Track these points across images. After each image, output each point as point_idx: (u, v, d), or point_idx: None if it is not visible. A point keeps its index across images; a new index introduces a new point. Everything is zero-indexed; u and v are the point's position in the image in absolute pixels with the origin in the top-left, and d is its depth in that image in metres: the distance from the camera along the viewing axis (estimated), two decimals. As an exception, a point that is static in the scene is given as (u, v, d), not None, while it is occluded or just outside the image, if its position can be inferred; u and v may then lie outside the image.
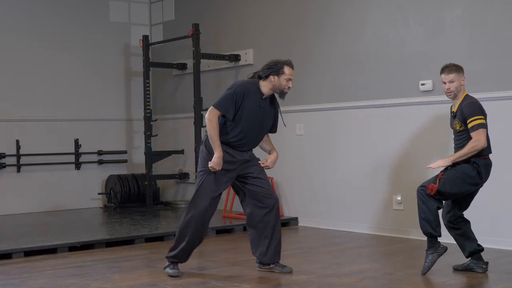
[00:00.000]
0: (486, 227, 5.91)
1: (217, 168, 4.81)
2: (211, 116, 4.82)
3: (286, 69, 4.89)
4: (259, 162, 5.04)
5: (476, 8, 6.15)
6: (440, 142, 6.28)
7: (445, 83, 4.90)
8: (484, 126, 4.77)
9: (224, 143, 4.87)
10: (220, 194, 4.99)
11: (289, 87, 4.94)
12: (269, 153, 5.11)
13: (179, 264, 5.06)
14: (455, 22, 6.30)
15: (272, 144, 5.17)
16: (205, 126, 5.11)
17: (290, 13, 7.87)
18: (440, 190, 4.81)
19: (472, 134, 4.76)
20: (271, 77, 4.89)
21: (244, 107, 4.83)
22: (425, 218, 4.83)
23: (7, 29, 8.77)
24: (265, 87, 4.92)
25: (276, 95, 5.02)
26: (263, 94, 4.92)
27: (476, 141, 4.73)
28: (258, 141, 5.05)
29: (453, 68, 4.90)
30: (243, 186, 5.04)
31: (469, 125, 4.77)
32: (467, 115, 4.78)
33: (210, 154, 4.87)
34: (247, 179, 5.01)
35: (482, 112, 4.82)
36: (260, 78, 4.95)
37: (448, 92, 4.91)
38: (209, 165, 4.82)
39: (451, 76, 4.87)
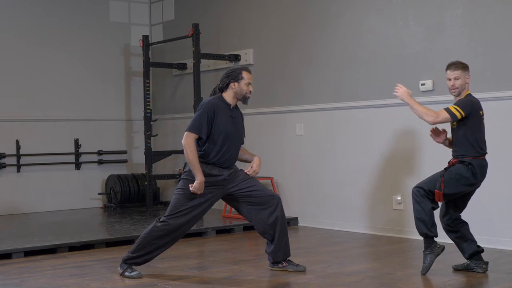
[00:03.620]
0: (486, 227, 5.91)
1: (198, 193, 4.85)
2: (188, 141, 4.83)
3: (245, 74, 4.97)
4: (245, 171, 5.04)
5: (476, 8, 6.15)
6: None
7: (450, 79, 4.89)
8: (451, 115, 4.74)
9: (209, 163, 4.89)
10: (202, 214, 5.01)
11: (250, 91, 5.00)
12: (251, 160, 5.11)
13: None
14: (455, 22, 6.30)
15: (248, 151, 5.20)
16: None
17: (290, 13, 7.87)
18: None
19: (441, 109, 4.78)
20: (232, 84, 4.96)
21: (218, 123, 4.87)
22: (420, 219, 4.82)
23: (7, 29, 8.77)
24: (229, 96, 4.98)
25: (239, 103, 5.07)
26: (230, 104, 4.99)
27: (435, 113, 4.75)
28: (238, 153, 5.06)
29: (459, 65, 4.90)
30: (241, 202, 5.03)
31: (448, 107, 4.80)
32: (456, 104, 4.81)
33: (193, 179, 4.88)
34: (240, 194, 4.99)
35: (465, 110, 4.77)
36: (221, 90, 5.01)
37: (452, 89, 4.89)
38: (191, 190, 4.84)
39: (457, 72, 4.87)
